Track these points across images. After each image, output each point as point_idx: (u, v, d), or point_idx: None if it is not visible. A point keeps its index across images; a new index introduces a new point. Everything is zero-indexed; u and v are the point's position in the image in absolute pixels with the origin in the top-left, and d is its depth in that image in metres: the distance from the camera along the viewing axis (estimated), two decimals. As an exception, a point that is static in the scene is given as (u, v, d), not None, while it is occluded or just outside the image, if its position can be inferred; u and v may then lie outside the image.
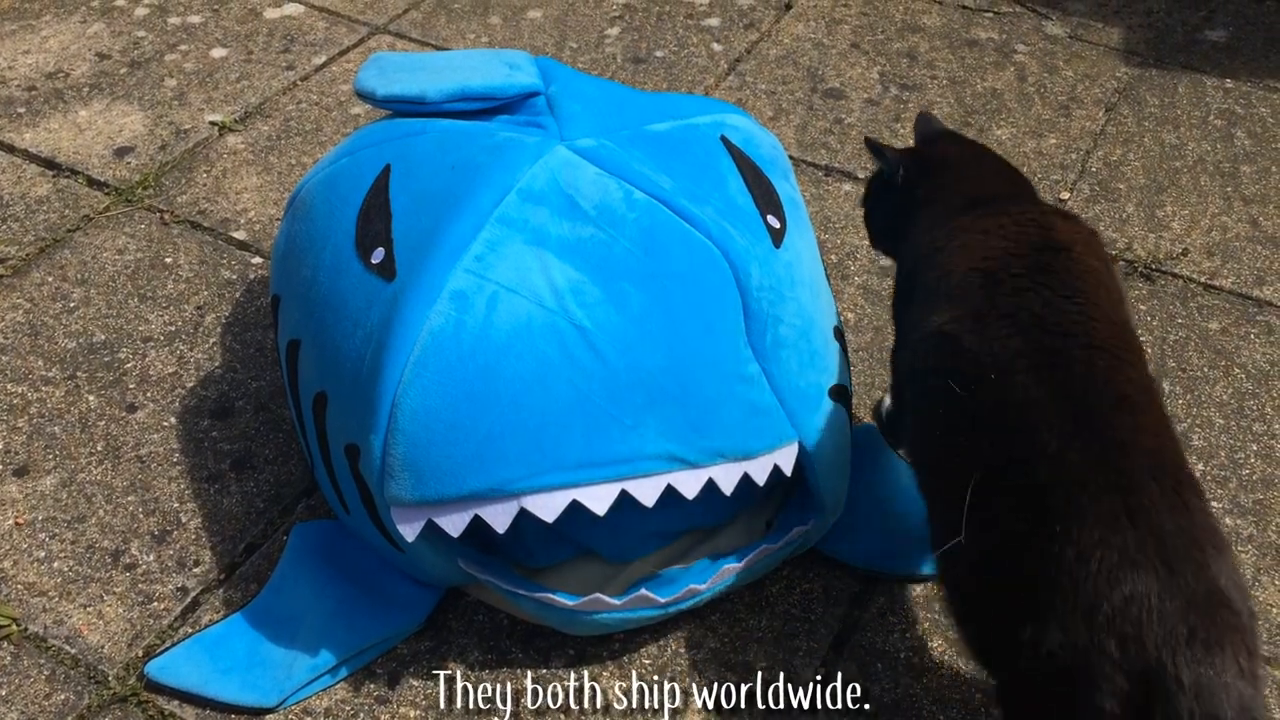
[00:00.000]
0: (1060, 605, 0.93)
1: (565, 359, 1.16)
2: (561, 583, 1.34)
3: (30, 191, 2.00)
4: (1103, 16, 2.54)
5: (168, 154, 2.08)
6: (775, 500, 1.44)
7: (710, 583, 1.27)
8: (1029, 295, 1.09)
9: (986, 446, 1.03)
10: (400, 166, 1.31)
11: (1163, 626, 0.90)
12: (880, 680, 1.33)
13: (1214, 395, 1.69)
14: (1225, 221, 2.00)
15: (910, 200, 1.35)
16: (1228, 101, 2.28)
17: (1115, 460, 0.97)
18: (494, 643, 1.36)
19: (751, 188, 1.31)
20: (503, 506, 1.16)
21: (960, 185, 1.33)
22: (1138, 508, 0.94)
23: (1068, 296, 1.09)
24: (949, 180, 1.34)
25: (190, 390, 1.66)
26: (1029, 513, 0.97)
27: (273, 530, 1.48)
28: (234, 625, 1.34)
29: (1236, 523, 1.51)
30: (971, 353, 1.06)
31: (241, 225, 1.94)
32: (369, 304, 1.21)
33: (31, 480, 1.54)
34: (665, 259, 1.21)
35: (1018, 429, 1.01)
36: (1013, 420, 1.01)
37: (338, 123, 2.17)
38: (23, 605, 1.39)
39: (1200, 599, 0.92)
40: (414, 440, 1.15)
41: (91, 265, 1.86)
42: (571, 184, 1.24)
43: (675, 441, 1.18)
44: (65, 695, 1.31)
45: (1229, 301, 1.84)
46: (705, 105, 1.43)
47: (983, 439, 1.03)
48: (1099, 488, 0.95)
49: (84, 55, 2.32)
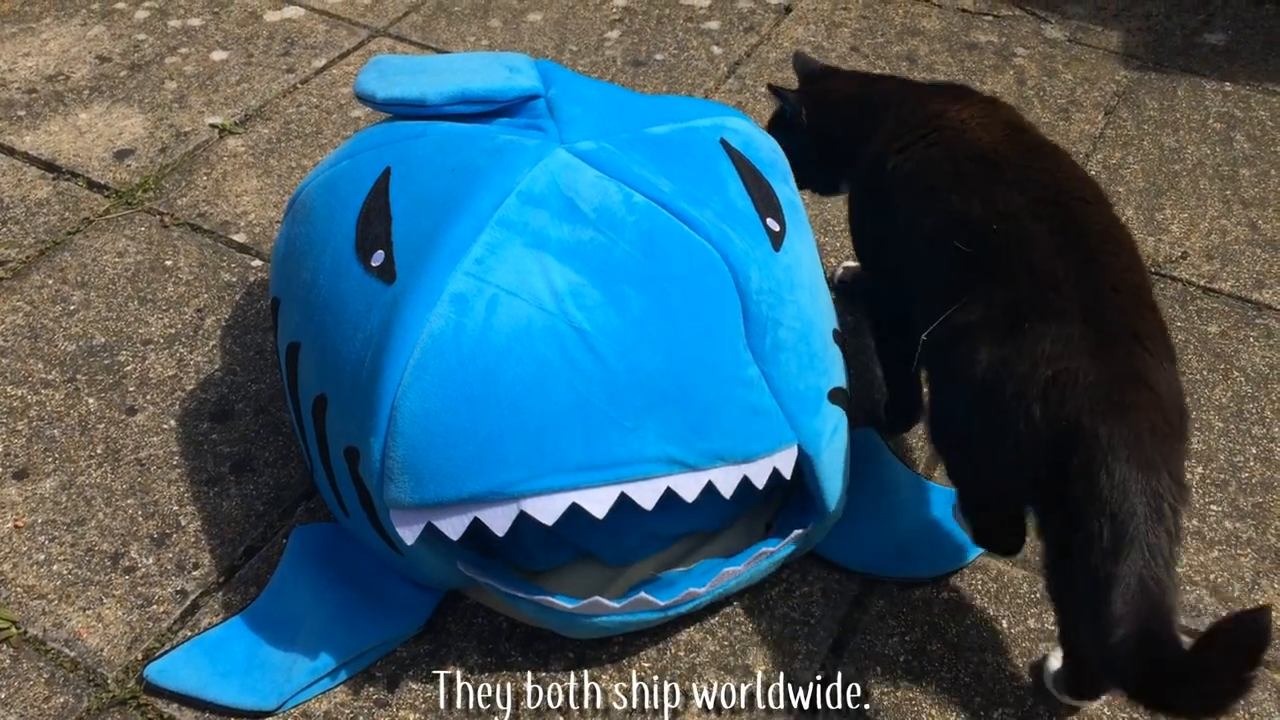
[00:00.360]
0: (1012, 371, 1.15)
1: (565, 362, 1.16)
2: (561, 585, 1.34)
3: (30, 194, 2.00)
4: (1102, 20, 2.54)
5: (168, 157, 2.09)
6: (775, 503, 1.44)
7: (710, 586, 1.27)
8: (1024, 168, 1.30)
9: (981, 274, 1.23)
10: (400, 169, 1.31)
11: (1087, 395, 1.10)
12: (880, 683, 1.33)
13: (1213, 398, 1.69)
14: (1224, 225, 2.00)
15: (832, 131, 1.55)
16: (1227, 105, 2.28)
17: (1089, 274, 1.18)
18: (493, 645, 1.36)
19: (751, 191, 1.31)
20: (502, 509, 1.16)
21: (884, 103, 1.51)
22: (1094, 308, 1.16)
23: (1046, 166, 1.32)
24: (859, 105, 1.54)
25: (190, 393, 1.66)
26: (1009, 315, 1.18)
27: (272, 533, 1.48)
28: (233, 628, 1.34)
29: (1235, 526, 1.51)
30: (980, 216, 1.26)
31: (241, 228, 1.94)
32: (369, 307, 1.21)
33: (31, 483, 1.54)
34: (665, 262, 1.21)
35: (1014, 257, 1.21)
36: (1013, 253, 1.22)
37: (338, 126, 2.17)
38: (22, 608, 1.39)
39: (1125, 380, 1.12)
40: (413, 443, 1.15)
41: (91, 268, 1.86)
42: (571, 187, 1.24)
43: (675, 444, 1.18)
44: (65, 698, 1.31)
45: (1228, 305, 1.84)
46: (705, 108, 1.44)
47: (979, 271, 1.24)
48: (1068, 292, 1.17)
49: (84, 58, 2.33)
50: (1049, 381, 1.12)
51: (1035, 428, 1.12)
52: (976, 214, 1.26)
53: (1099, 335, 1.14)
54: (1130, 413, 1.10)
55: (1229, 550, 1.49)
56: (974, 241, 1.24)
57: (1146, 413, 1.10)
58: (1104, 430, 1.08)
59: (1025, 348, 1.14)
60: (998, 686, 1.33)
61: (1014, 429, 1.13)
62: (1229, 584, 1.45)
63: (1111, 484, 1.06)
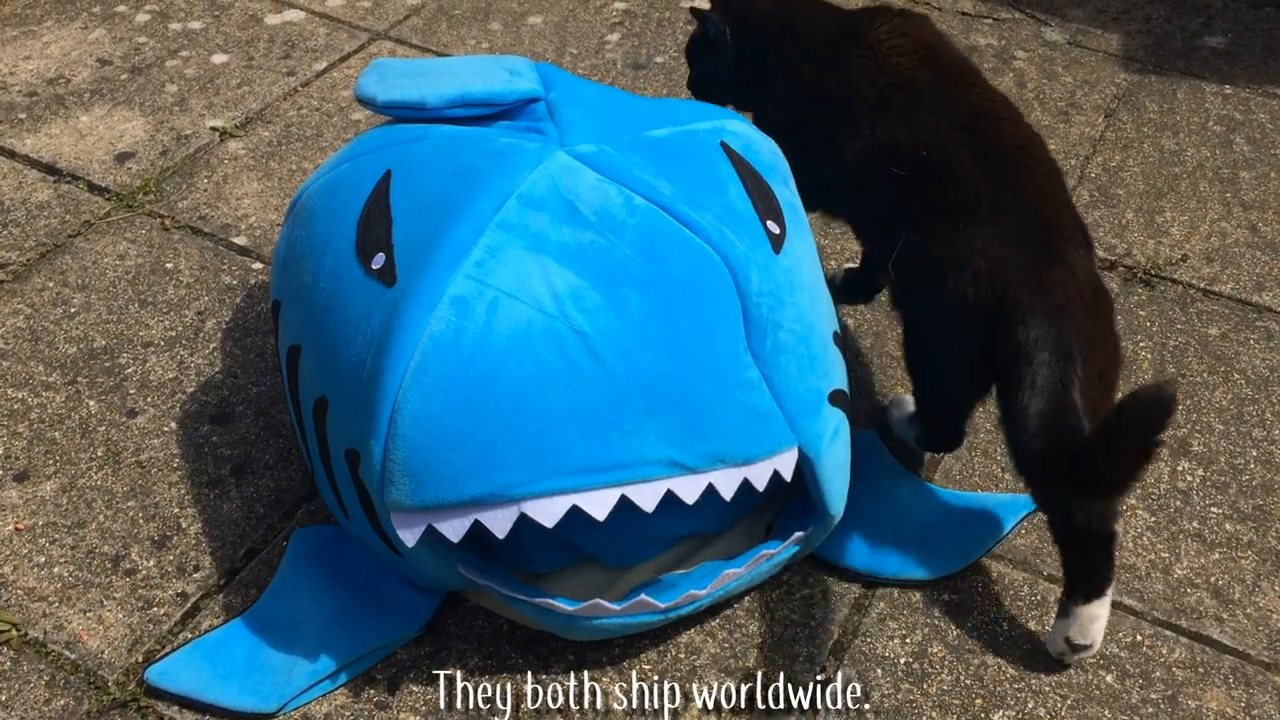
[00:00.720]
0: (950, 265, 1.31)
1: (565, 364, 1.16)
2: (561, 588, 1.34)
3: (31, 197, 2.00)
4: (1102, 23, 2.54)
5: (169, 159, 2.09)
6: (775, 505, 1.44)
7: (710, 588, 1.27)
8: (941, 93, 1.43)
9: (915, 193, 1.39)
10: (401, 172, 1.31)
11: (1012, 273, 1.28)
12: (880, 686, 1.33)
13: (1214, 401, 1.69)
14: (1224, 227, 2.00)
15: (754, 50, 1.60)
16: (1227, 107, 2.29)
17: (1011, 185, 1.35)
18: (494, 648, 1.36)
19: (751, 193, 1.31)
20: (503, 512, 1.16)
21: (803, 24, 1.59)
22: (1018, 211, 1.33)
23: (960, 89, 1.46)
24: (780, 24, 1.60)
25: (191, 395, 1.66)
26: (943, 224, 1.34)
27: (273, 535, 1.48)
28: (234, 630, 1.34)
29: (1236, 528, 1.51)
30: (907, 141, 1.40)
31: (242, 231, 1.94)
32: (369, 309, 1.21)
33: (32, 485, 1.54)
34: (665, 265, 1.21)
35: (941, 177, 1.37)
36: (940, 174, 1.37)
37: (338, 128, 2.17)
38: (22, 610, 1.39)
39: (1045, 260, 1.29)
40: (414, 445, 1.15)
41: (92, 271, 1.86)
42: (571, 190, 1.24)
43: (675, 447, 1.18)
44: (65, 701, 1.31)
45: (1228, 307, 1.84)
46: (705, 111, 1.44)
47: (913, 192, 1.39)
48: (995, 200, 1.33)
49: (85, 61, 2.33)
50: (980, 268, 1.29)
51: (970, 307, 1.29)
52: (903, 139, 1.40)
53: (1022, 230, 1.31)
54: (1049, 286, 1.27)
55: (1230, 553, 1.49)
56: (905, 165, 1.39)
57: (1063, 286, 1.28)
58: (1025, 297, 1.26)
59: (960, 246, 1.31)
60: (999, 689, 1.33)
61: (956, 312, 1.30)
62: (1230, 586, 1.45)
63: (1029, 337, 1.24)
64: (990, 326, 1.28)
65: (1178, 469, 1.59)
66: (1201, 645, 1.38)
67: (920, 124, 1.40)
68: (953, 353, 1.37)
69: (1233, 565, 1.47)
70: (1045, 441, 1.21)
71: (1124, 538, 1.50)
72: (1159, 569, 1.47)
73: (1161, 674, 1.35)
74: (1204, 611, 1.42)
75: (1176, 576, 1.46)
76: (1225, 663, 1.37)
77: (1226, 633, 1.40)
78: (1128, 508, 1.53)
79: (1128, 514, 1.53)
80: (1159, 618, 1.41)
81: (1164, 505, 1.54)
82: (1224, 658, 1.37)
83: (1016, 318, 1.25)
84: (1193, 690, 1.34)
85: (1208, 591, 1.44)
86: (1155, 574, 1.46)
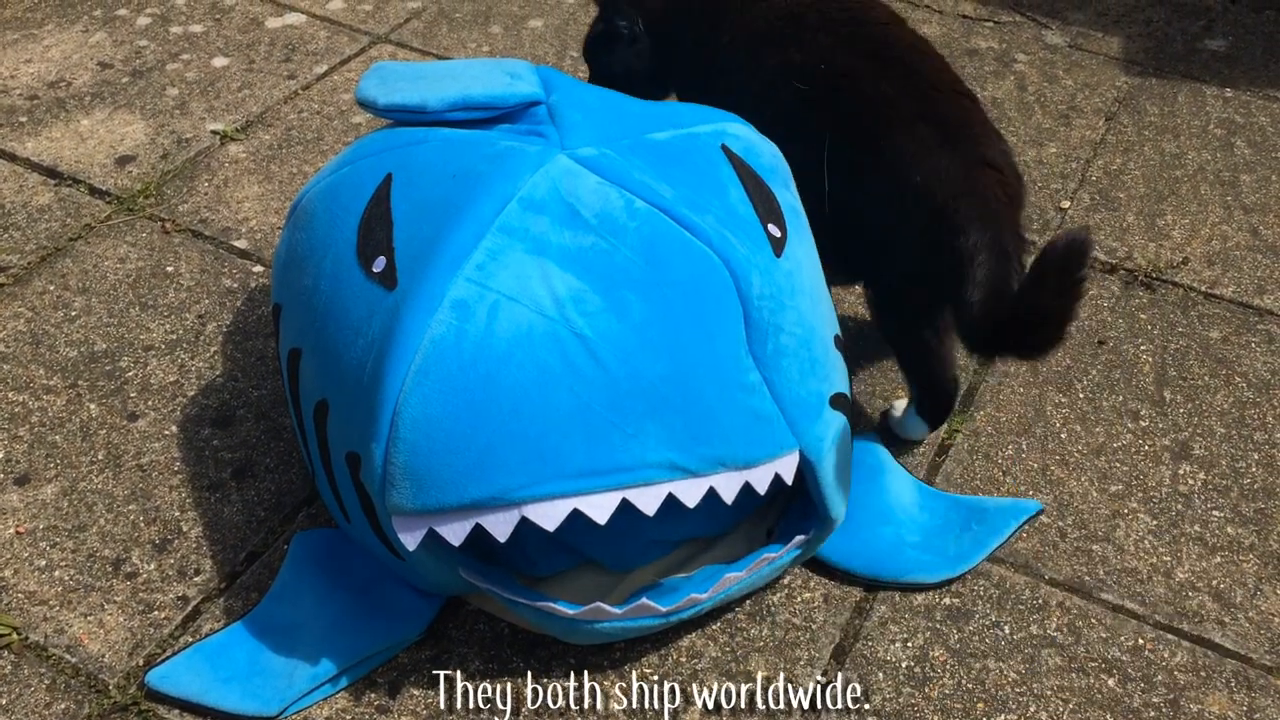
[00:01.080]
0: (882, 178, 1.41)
1: (566, 367, 1.16)
2: (562, 591, 1.34)
3: (32, 200, 2.00)
4: (1103, 26, 2.54)
5: (169, 163, 2.09)
6: (776, 509, 1.44)
7: (711, 592, 1.27)
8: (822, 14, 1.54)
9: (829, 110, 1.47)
10: (401, 175, 1.31)
11: (950, 183, 1.37)
12: (882, 689, 1.33)
13: (1215, 404, 1.69)
14: (1225, 230, 2.00)
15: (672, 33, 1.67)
16: (1227, 110, 2.29)
17: (913, 85, 1.44)
18: (495, 651, 1.36)
19: (752, 196, 1.31)
20: (504, 515, 1.16)
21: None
22: (927, 111, 1.41)
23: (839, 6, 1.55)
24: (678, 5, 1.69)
25: (191, 399, 1.66)
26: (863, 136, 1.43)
27: (274, 539, 1.48)
28: (235, 634, 1.34)
29: (1238, 532, 1.51)
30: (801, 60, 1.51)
31: (243, 234, 1.94)
32: (370, 313, 1.21)
33: (32, 489, 1.54)
34: (666, 268, 1.21)
35: (847, 89, 1.46)
36: (844, 86, 1.46)
37: (339, 132, 2.18)
38: (23, 614, 1.39)
39: (972, 164, 1.39)
40: (415, 449, 1.15)
41: (93, 274, 1.86)
42: (572, 193, 1.24)
43: (676, 450, 1.18)
44: (65, 704, 1.31)
45: (1229, 310, 1.84)
46: (706, 114, 1.44)
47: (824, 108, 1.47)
48: (906, 105, 1.42)
49: (86, 64, 2.33)
50: (916, 183, 1.38)
51: (912, 220, 1.39)
52: (797, 60, 1.50)
53: (940, 132, 1.40)
54: (981, 191, 1.38)
55: (1231, 556, 1.48)
56: (806, 81, 1.48)
57: (993, 188, 1.39)
58: (963, 207, 1.36)
59: (886, 160, 1.40)
60: (1000, 693, 1.33)
61: (905, 228, 1.40)
62: (1231, 590, 1.44)
63: (968, 242, 1.34)
64: (932, 236, 1.37)
65: (1179, 472, 1.59)
66: (1203, 649, 1.38)
67: (812, 45, 1.51)
68: (903, 264, 1.44)
69: (1234, 569, 1.47)
70: (985, 310, 1.34)
71: (1125, 541, 1.50)
72: (1160, 572, 1.47)
73: (1163, 678, 1.35)
74: (1206, 615, 1.42)
75: (1178, 580, 1.46)
76: (1227, 666, 1.37)
77: (1228, 636, 1.40)
78: (1129, 510, 1.53)
79: (1129, 517, 1.53)
80: (1161, 621, 1.41)
81: (1165, 509, 1.54)
82: (1226, 661, 1.37)
83: (956, 227, 1.35)
84: (1195, 694, 1.34)
85: (1209, 595, 1.44)
86: (1157, 577, 1.46)
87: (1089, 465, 1.59)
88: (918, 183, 1.38)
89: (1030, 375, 1.72)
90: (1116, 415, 1.67)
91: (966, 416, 1.65)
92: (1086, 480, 1.57)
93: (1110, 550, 1.49)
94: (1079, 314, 1.39)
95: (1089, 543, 1.49)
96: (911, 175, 1.38)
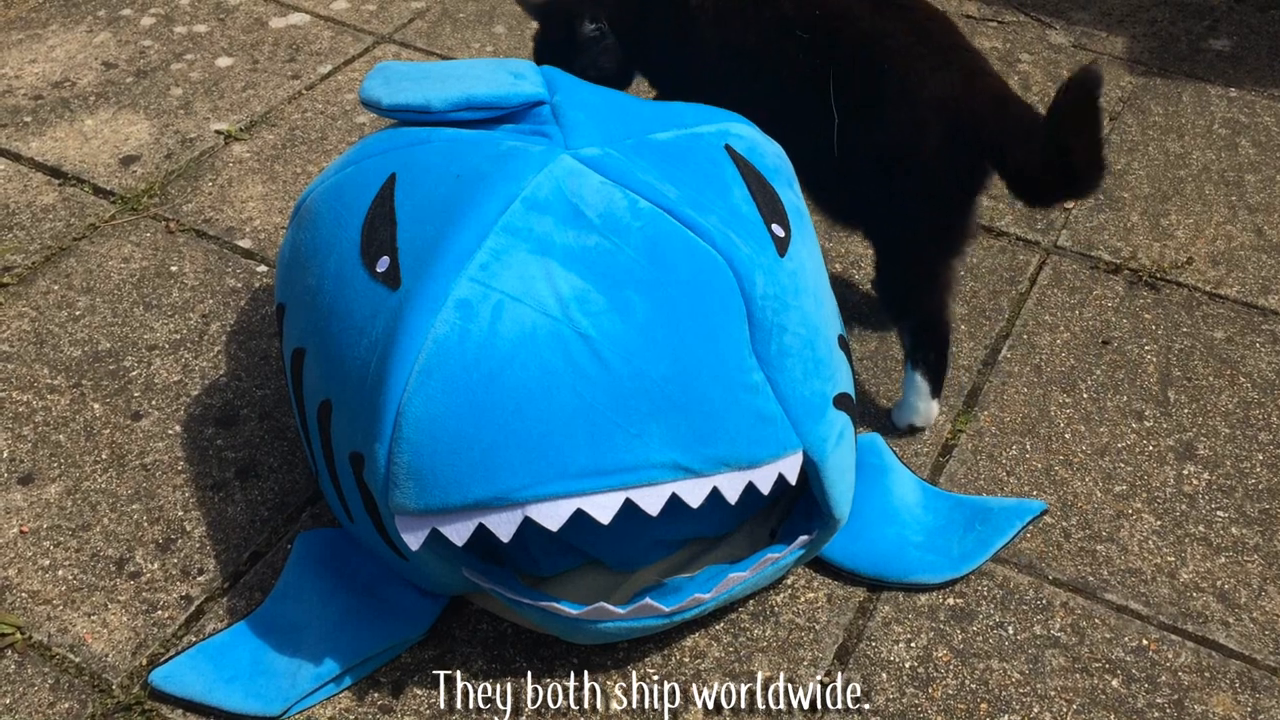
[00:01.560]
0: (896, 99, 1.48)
1: (570, 367, 1.16)
2: (566, 591, 1.34)
3: (36, 200, 2.01)
4: (1107, 26, 2.54)
5: (173, 163, 2.09)
6: (780, 509, 1.44)
7: (715, 592, 1.27)
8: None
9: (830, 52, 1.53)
10: (405, 175, 1.31)
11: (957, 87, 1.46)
12: (885, 690, 1.33)
13: (1219, 404, 1.69)
14: (1230, 230, 2.00)
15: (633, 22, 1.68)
16: (1232, 110, 2.28)
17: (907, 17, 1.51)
18: (498, 651, 1.36)
19: (756, 196, 1.31)
20: (507, 515, 1.16)
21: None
22: (922, 36, 1.49)
23: None
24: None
25: (195, 398, 1.66)
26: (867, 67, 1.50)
27: (277, 539, 1.48)
28: (238, 634, 1.34)
29: (1242, 532, 1.51)
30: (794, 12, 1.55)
31: (247, 234, 1.94)
32: (374, 312, 1.21)
33: (36, 488, 1.54)
34: (670, 268, 1.21)
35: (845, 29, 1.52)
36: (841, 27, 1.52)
37: (343, 132, 2.18)
38: (27, 613, 1.40)
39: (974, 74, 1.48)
40: (419, 449, 1.15)
41: (97, 274, 1.86)
42: (576, 193, 1.24)
43: (680, 450, 1.18)
44: (69, 704, 1.31)
45: (1234, 310, 1.84)
46: (709, 114, 1.44)
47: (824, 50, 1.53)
48: (903, 33, 1.49)
49: (90, 64, 2.33)
50: (928, 96, 1.46)
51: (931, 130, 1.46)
52: (791, 12, 1.54)
53: (939, 54, 1.48)
54: (985, 89, 1.48)
55: (1236, 557, 1.48)
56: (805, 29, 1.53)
57: (995, 89, 1.49)
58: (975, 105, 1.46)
59: (894, 82, 1.47)
60: (1004, 694, 1.33)
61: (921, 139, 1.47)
62: (1236, 590, 1.44)
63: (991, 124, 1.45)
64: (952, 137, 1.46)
65: (1184, 473, 1.59)
66: (1208, 649, 1.38)
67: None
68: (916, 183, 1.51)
69: (1239, 569, 1.47)
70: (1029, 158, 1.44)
71: (1129, 541, 1.50)
72: (1165, 573, 1.46)
73: (1168, 678, 1.35)
74: (1210, 615, 1.42)
75: (1182, 580, 1.46)
76: (1232, 667, 1.36)
77: (1233, 637, 1.40)
78: (1133, 511, 1.53)
79: (1133, 517, 1.53)
80: (1165, 622, 1.41)
81: (1170, 509, 1.54)
82: (1230, 662, 1.37)
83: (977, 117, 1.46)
84: (1199, 695, 1.33)
85: (1214, 595, 1.44)
86: (1161, 578, 1.46)
87: (1093, 465, 1.59)
88: (928, 95, 1.46)
89: (1034, 375, 1.72)
90: (1121, 415, 1.66)
91: (970, 416, 1.65)
92: (1090, 480, 1.57)
93: (1114, 550, 1.49)
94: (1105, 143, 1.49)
95: (1093, 543, 1.49)
96: (920, 90, 1.46)
